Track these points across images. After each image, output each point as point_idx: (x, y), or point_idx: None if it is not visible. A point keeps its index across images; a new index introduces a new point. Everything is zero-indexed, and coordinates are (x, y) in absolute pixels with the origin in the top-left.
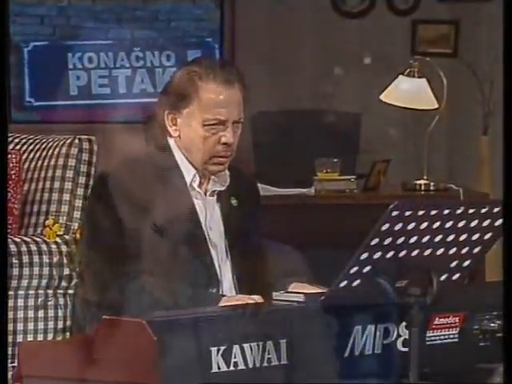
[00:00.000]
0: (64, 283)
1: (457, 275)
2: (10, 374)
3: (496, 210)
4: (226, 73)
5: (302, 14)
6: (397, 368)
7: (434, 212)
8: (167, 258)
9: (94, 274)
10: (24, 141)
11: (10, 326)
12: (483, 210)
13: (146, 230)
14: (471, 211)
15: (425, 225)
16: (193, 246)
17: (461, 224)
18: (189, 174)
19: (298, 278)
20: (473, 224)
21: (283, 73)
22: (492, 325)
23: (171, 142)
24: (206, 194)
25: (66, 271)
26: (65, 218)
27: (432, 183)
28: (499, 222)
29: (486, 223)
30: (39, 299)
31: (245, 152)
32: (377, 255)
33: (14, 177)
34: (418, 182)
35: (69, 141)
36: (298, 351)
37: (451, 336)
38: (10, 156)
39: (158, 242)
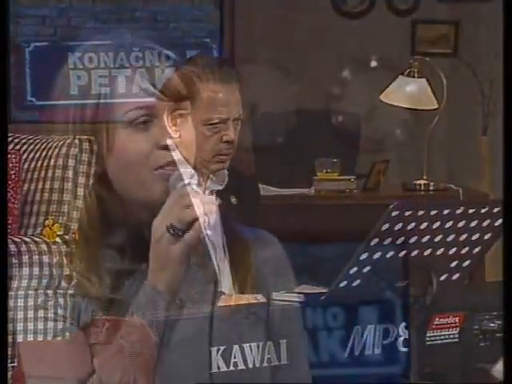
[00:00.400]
0: (64, 283)
1: (457, 275)
2: (9, 373)
3: (496, 210)
4: (224, 71)
5: (302, 14)
6: (396, 368)
7: (433, 212)
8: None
9: (92, 273)
10: (24, 141)
11: (10, 326)
12: (483, 210)
13: (144, 229)
14: (471, 211)
15: (425, 225)
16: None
17: (461, 224)
18: (187, 173)
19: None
20: (473, 224)
21: (283, 73)
22: (492, 325)
23: (170, 142)
24: (204, 193)
25: (66, 271)
26: (65, 218)
27: (432, 183)
28: (499, 221)
29: (485, 223)
30: (39, 299)
31: (245, 152)
32: (377, 255)
33: (13, 177)
34: (418, 181)
35: (69, 141)
36: (297, 351)
37: (451, 336)
38: (9, 156)
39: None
